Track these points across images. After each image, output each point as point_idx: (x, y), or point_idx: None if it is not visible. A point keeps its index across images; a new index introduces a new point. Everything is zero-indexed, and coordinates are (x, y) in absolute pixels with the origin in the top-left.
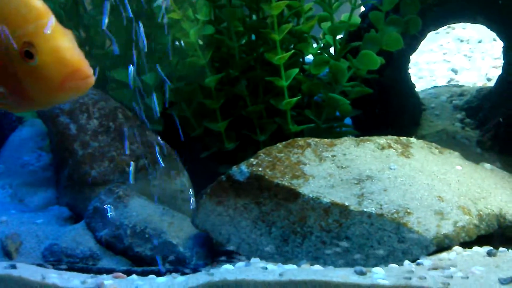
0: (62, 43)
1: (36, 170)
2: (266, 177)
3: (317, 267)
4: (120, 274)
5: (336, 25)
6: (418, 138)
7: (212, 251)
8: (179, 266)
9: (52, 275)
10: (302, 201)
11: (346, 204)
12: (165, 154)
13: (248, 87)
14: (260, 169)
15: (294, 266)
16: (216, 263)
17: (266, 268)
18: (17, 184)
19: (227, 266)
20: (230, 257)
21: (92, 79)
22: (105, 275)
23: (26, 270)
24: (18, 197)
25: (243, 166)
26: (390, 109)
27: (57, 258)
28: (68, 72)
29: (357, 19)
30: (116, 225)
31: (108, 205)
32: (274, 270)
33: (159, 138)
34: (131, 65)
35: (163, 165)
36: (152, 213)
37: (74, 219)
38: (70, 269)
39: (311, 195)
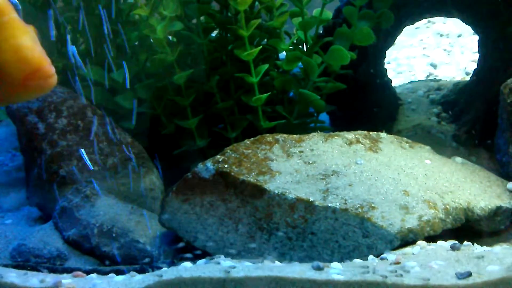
0: (22, 42)
1: (9, 170)
2: (232, 173)
3: (276, 263)
4: (80, 273)
5: (306, 20)
6: (394, 133)
7: (179, 249)
8: (146, 265)
9: (11, 274)
10: (268, 197)
11: (311, 199)
12: (134, 153)
13: (220, 83)
14: (226, 165)
15: (249, 264)
16: (183, 261)
17: (225, 265)
18: None
19: (186, 264)
20: (197, 255)
21: (54, 79)
22: (65, 274)
23: None
24: None
25: (209, 163)
26: (366, 105)
27: (24, 259)
28: (29, 71)
29: (328, 14)
30: (83, 224)
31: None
32: (231, 267)
33: (129, 135)
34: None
35: (134, 164)
36: (120, 212)
37: (43, 219)
38: (36, 269)
39: (276, 191)
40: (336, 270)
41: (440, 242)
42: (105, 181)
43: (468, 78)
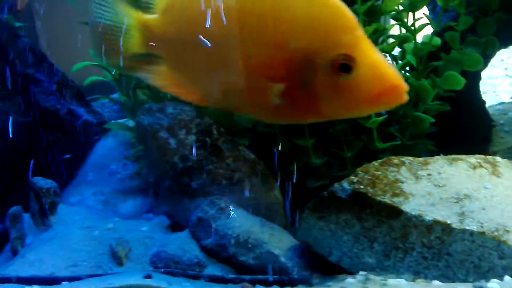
0: (379, 57)
1: (123, 178)
2: (369, 194)
3: (436, 282)
4: (247, 284)
5: (419, 47)
6: (490, 154)
7: (310, 262)
8: (283, 275)
9: (186, 284)
10: (404, 218)
11: (448, 222)
12: (258, 169)
13: None
14: (361, 186)
15: (403, 280)
16: (317, 275)
17: (387, 283)
18: (108, 192)
19: (350, 280)
20: (333, 269)
21: (406, 96)
22: (231, 284)
23: (161, 280)
24: (111, 204)
25: (345, 184)
26: (462, 126)
27: (165, 264)
28: (386, 87)
29: (437, 40)
30: (220, 235)
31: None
32: (396, 286)
33: (250, 152)
34: None
35: (259, 179)
36: (253, 225)
37: (172, 227)
38: (183, 275)
39: (413, 213)
40: None
41: None
42: (233, 195)
43: None
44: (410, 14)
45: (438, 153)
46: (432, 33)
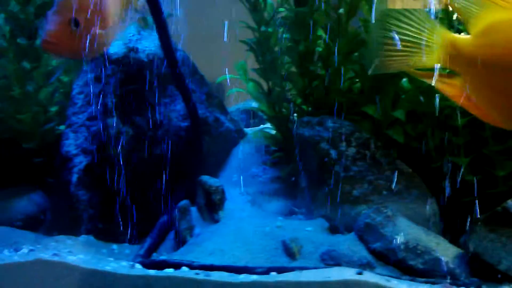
0: None
1: (264, 181)
2: None
3: None
4: (448, 285)
5: None
6: None
7: (476, 270)
8: (456, 280)
9: (394, 282)
10: None
11: None
12: (416, 182)
13: (491, 128)
14: None
15: None
16: (484, 281)
17: None
18: (254, 192)
19: None
20: (497, 278)
21: None
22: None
23: (375, 277)
24: (257, 203)
25: None
26: None
27: (335, 262)
28: None
29: None
30: (389, 240)
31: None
32: None
33: (407, 167)
34: None
35: (417, 191)
36: (418, 233)
37: (330, 229)
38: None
39: None
40: None
41: None
42: (393, 204)
43: None
44: None
45: None
46: None
